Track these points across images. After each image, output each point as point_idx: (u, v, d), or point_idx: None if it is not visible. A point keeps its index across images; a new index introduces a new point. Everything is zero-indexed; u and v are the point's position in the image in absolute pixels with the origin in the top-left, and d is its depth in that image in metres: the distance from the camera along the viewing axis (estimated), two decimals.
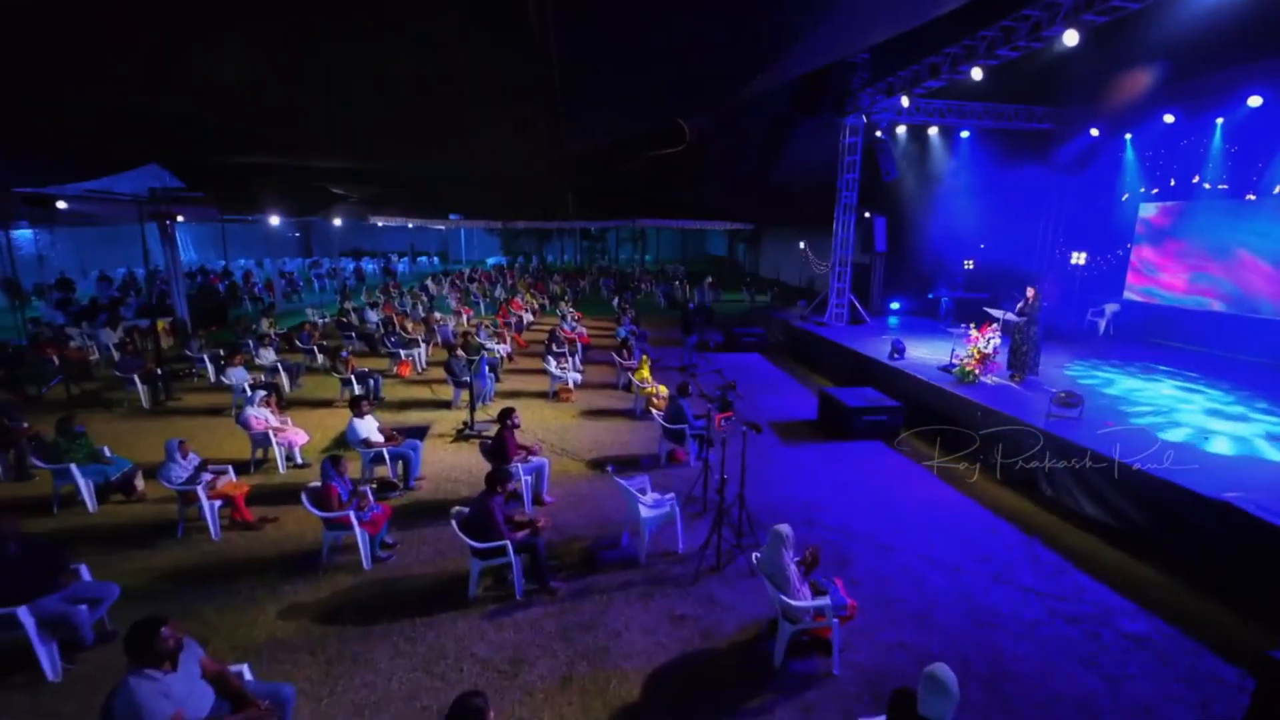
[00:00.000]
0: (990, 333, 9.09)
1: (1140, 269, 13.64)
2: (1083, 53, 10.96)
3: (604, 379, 11.96)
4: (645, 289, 28.10)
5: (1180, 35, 10.21)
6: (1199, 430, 7.14)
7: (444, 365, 10.04)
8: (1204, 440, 6.77)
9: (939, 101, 13.78)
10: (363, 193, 20.69)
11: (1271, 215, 10.95)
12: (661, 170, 17.98)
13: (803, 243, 27.94)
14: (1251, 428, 7.30)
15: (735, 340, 14.97)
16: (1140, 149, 13.22)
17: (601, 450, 8.18)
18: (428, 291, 23.80)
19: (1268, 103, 10.62)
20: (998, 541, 5.88)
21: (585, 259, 42.38)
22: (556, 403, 10.33)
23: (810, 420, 9.63)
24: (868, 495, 6.86)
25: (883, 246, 14.93)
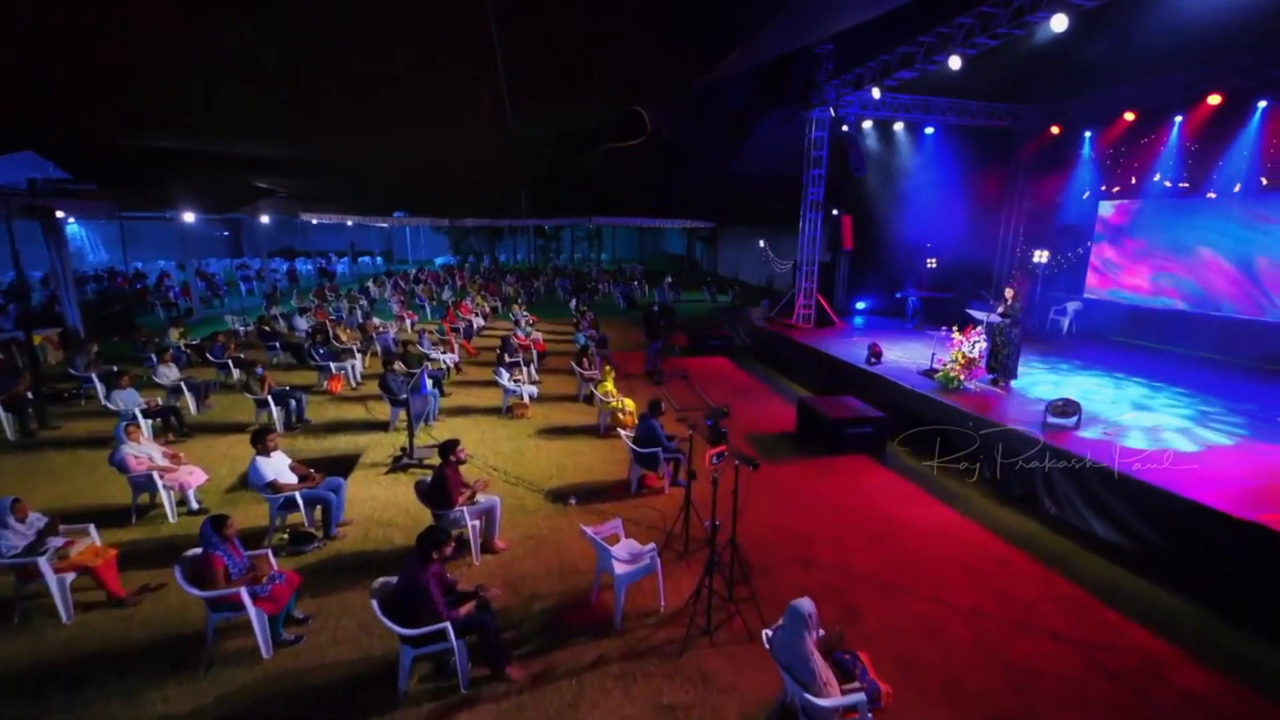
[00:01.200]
0: (975, 335, 8.61)
1: (1101, 268, 13.66)
2: (1044, 49, 10.78)
3: (563, 391, 10.94)
4: (603, 290, 27.10)
5: (1141, 34, 10.08)
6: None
7: (379, 381, 8.80)
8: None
9: (905, 96, 13.43)
10: (292, 186, 18.88)
11: (1232, 214, 10.99)
12: (619, 166, 17.06)
13: (762, 241, 27.64)
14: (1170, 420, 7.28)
15: (701, 343, 14.22)
16: (1100, 147, 13.21)
17: (563, 477, 7.19)
18: (368, 295, 22.07)
19: (1227, 101, 10.64)
20: (1012, 575, 5.26)
21: (540, 258, 41.00)
22: (510, 420, 9.26)
23: (789, 433, 8.92)
24: (863, 522, 6.15)
25: (850, 245, 14.48)
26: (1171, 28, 9.98)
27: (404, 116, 9.82)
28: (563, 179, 17.75)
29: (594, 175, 16.92)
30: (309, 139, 11.32)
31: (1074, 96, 13.20)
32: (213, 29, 5.80)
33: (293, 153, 12.60)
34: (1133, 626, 4.57)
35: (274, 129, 10.23)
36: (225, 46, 6.27)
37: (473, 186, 19.98)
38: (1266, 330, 10.43)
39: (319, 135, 11.03)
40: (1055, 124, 13.81)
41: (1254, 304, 10.72)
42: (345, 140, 11.72)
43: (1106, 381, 9.39)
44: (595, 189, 19.41)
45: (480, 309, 18.33)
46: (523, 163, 15.84)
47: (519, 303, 17.78)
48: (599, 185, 18.72)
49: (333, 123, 10.05)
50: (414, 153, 12.95)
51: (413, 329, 15.93)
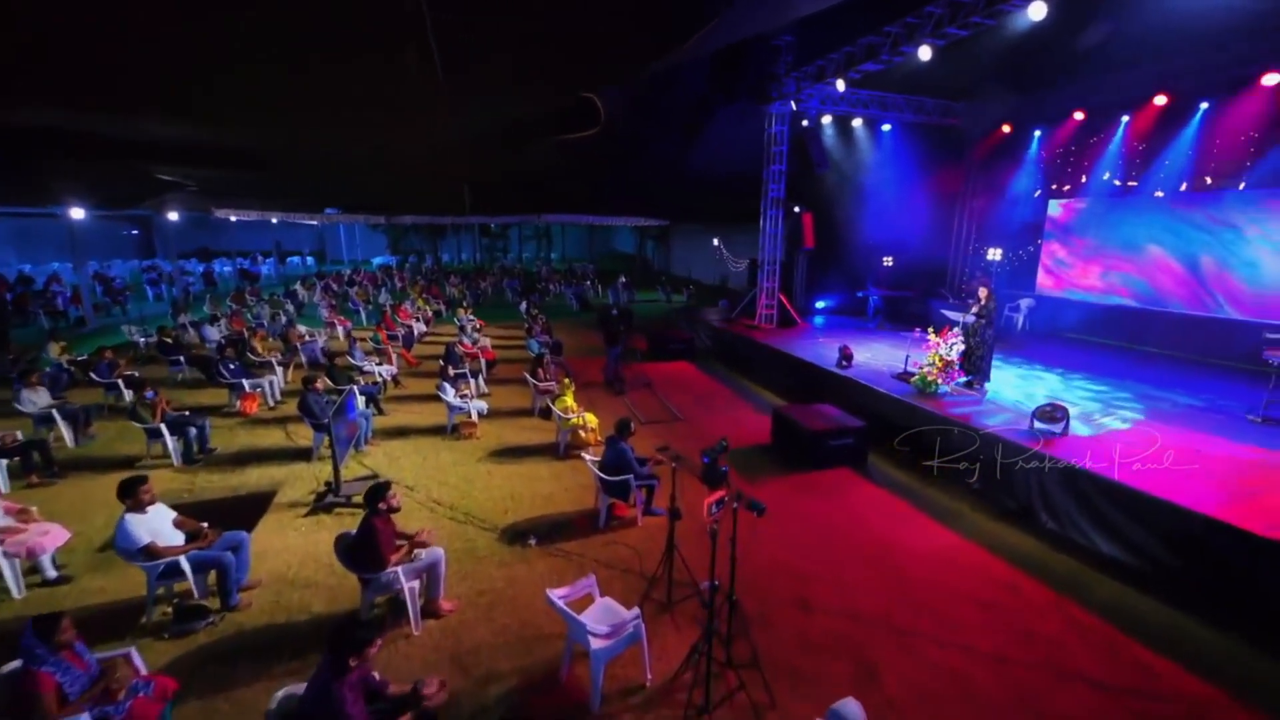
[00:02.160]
0: (951, 337, 8.24)
1: (1052, 266, 13.83)
2: (995, 48, 10.67)
3: (515, 404, 9.95)
4: (554, 290, 26.02)
5: (1089, 35, 10.06)
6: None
7: (299, 401, 7.58)
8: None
9: (864, 92, 13.15)
10: (202, 177, 16.89)
11: (1178, 213, 11.20)
12: (570, 160, 16.11)
13: (717, 240, 27.27)
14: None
15: (661, 347, 13.50)
16: (1050, 146, 13.34)
17: (519, 509, 6.27)
18: (295, 299, 20.18)
19: (1172, 102, 10.79)
20: (1026, 605, 4.77)
21: (486, 258, 39.34)
22: (457, 441, 8.22)
23: (763, 445, 8.30)
24: (859, 550, 5.55)
25: (811, 243, 14.11)
26: (1118, 29, 10.03)
27: (327, 99, 8.59)
28: (509, 173, 16.62)
29: (543, 170, 15.91)
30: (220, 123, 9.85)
31: (1024, 96, 13.26)
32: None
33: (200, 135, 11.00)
34: (1165, 663, 4.13)
35: (177, 107, 8.75)
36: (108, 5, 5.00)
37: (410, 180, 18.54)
38: (1213, 325, 10.65)
39: (230, 120, 9.60)
40: (1006, 123, 13.87)
41: (1200, 303, 10.95)
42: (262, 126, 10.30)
43: (1048, 375, 9.44)
44: (544, 185, 18.36)
45: (421, 313, 16.97)
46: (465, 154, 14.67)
47: (464, 306, 16.56)
48: (548, 181, 17.70)
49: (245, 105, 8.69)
50: (342, 142, 11.60)
51: (345, 337, 14.47)
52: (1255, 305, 10.15)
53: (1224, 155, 10.40)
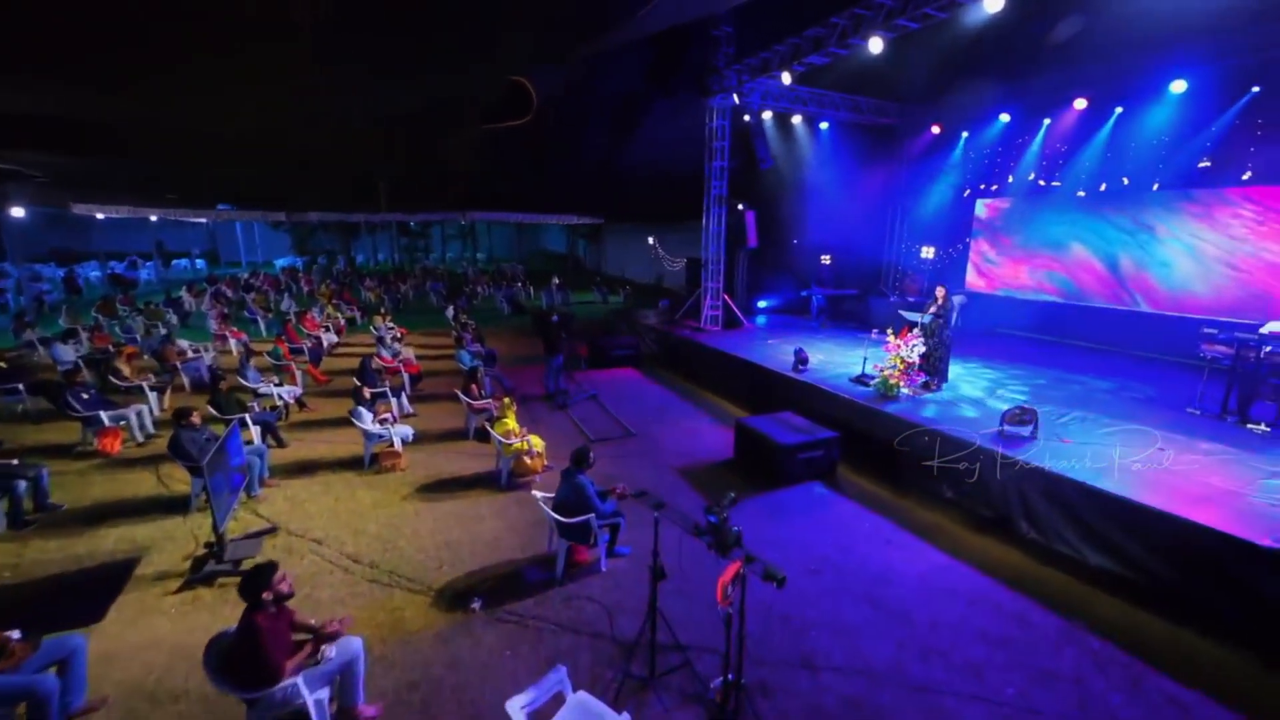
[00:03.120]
0: (912, 339, 7.96)
1: (981, 263, 14.20)
2: (922, 51, 10.69)
3: (446, 424, 8.80)
4: (482, 293, 24.50)
5: (1013, 38, 10.22)
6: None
7: (169, 440, 6.13)
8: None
9: (803, 89, 12.90)
10: (52, 165, 14.26)
11: (1099, 213, 11.67)
12: (497, 152, 14.92)
13: (652, 238, 26.73)
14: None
15: (604, 354, 12.66)
16: (978, 147, 13.65)
17: (457, 561, 5.26)
18: (179, 308, 17.62)
19: (1091, 105, 11.20)
20: (1040, 638, 4.37)
21: (405, 258, 36.80)
22: (377, 475, 7.02)
23: (726, 460, 7.68)
24: (853, 584, 5.00)
25: (755, 242, 13.74)
26: (1039, 33, 10.25)
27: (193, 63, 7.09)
28: (431, 168, 15.18)
29: (469, 164, 14.62)
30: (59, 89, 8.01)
31: (951, 98, 13.50)
32: None
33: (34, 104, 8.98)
34: (1192, 694, 3.82)
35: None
36: None
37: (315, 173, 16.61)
38: (1131, 319, 11.17)
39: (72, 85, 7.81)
40: (936, 124, 14.10)
41: (1119, 300, 11.47)
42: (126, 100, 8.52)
43: (989, 371, 9.60)
44: (470, 180, 17.00)
45: (332, 322, 15.19)
46: (378, 144, 13.16)
47: (382, 312, 14.94)
48: (475, 176, 16.39)
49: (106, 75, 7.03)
50: (221, 120, 9.89)
51: (239, 352, 12.61)
52: (1170, 304, 10.69)
53: (1138, 157, 10.88)
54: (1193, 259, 10.39)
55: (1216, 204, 10.04)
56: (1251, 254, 9.65)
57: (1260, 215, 9.52)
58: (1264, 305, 9.42)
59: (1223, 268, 10.02)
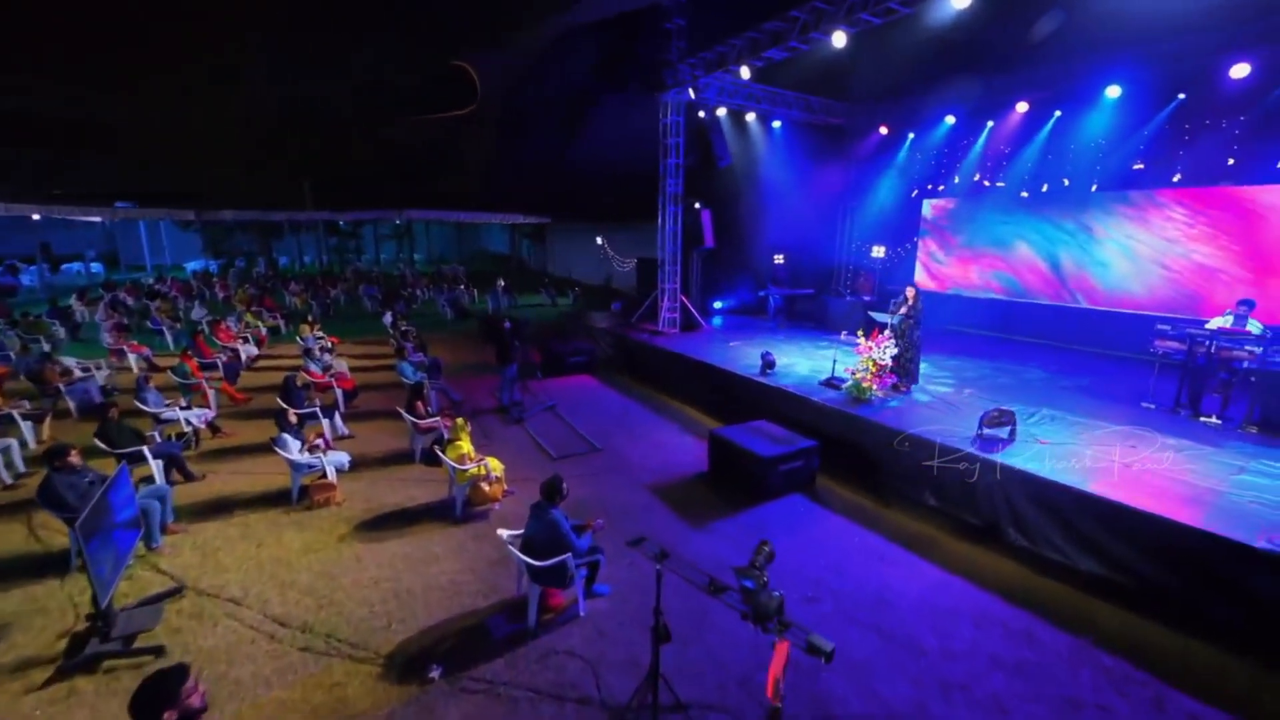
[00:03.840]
0: (884, 341, 7.77)
1: (929, 262, 14.46)
2: (868, 52, 10.69)
3: (387, 446, 7.90)
4: (421, 296, 23.12)
5: (957, 42, 10.33)
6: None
7: (40, 486, 5.02)
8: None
9: (757, 86, 12.67)
10: None
11: (1041, 213, 12.03)
12: (437, 149, 13.90)
13: (600, 238, 26.09)
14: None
15: (559, 361, 11.96)
16: (924, 148, 13.86)
17: (408, 617, 4.51)
18: (68, 319, 15.48)
19: (1033, 108, 11.50)
20: (1054, 659, 4.13)
21: (335, 260, 34.46)
22: (308, 512, 6.09)
23: (700, 474, 7.22)
24: (854, 610, 4.62)
25: (711, 241, 13.41)
26: (982, 38, 10.40)
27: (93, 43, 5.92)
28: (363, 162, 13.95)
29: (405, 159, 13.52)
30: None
31: (898, 100, 13.65)
32: None
33: None
34: (1215, 713, 3.64)
35: None
36: None
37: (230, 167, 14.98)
38: (1077, 315, 11.58)
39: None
40: (883, 124, 14.24)
41: (1060, 298, 11.87)
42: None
43: (950, 364, 9.81)
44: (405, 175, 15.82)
45: (251, 332, 13.71)
46: (300, 136, 11.90)
47: (310, 320, 13.59)
48: (410, 170, 15.24)
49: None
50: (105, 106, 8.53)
51: (140, 370, 11.09)
52: (1108, 302, 11.13)
53: (1077, 159, 11.26)
54: (1128, 259, 10.83)
55: (1149, 206, 10.49)
56: (1183, 255, 10.12)
57: (1190, 218, 9.99)
58: (1194, 304, 9.90)
59: (1156, 268, 10.48)
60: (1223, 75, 8.97)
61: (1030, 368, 9.70)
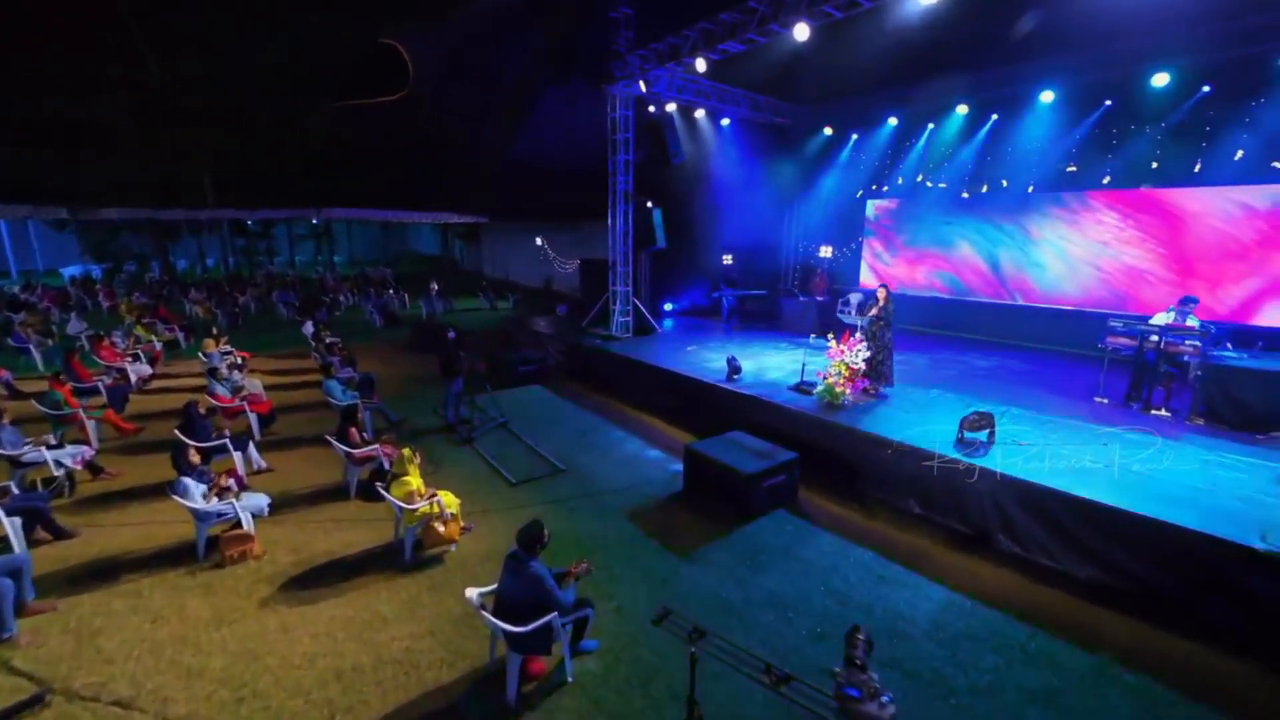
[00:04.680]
0: (856, 343, 7.54)
1: (874, 262, 14.66)
2: (812, 53, 10.59)
3: (315, 480, 6.85)
4: (345, 302, 21.32)
5: (898, 44, 10.41)
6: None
7: None
8: None
9: (705, 82, 12.32)
10: None
11: (981, 213, 12.37)
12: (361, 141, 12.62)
13: (540, 238, 25.09)
14: None
15: (507, 370, 11.09)
16: (868, 149, 14.01)
17: (358, 701, 3.68)
18: None
19: (972, 111, 11.79)
20: (1080, 684, 3.90)
21: (244, 263, 31.41)
22: (217, 572, 5.04)
23: (676, 493, 6.69)
24: None
25: (663, 241, 12.92)
26: (922, 40, 10.51)
27: None
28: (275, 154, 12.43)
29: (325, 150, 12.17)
30: None
31: (841, 101, 13.72)
32: None
33: None
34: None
35: None
36: None
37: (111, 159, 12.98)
38: (1012, 311, 12.00)
39: None
40: (828, 125, 14.30)
41: (999, 297, 12.27)
42: None
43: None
44: (325, 169, 14.33)
45: (143, 347, 11.89)
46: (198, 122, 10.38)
47: (215, 333, 11.96)
48: (330, 164, 13.80)
49: None
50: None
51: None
52: (1044, 301, 11.56)
53: (1014, 162, 11.64)
54: (1062, 260, 11.29)
55: (1081, 208, 10.95)
56: (1114, 256, 10.63)
57: (1121, 221, 10.49)
58: (1123, 304, 10.42)
59: (1089, 268, 10.97)
60: (1146, 83, 9.44)
61: (977, 364, 9.95)
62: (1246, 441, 6.35)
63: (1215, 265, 9.55)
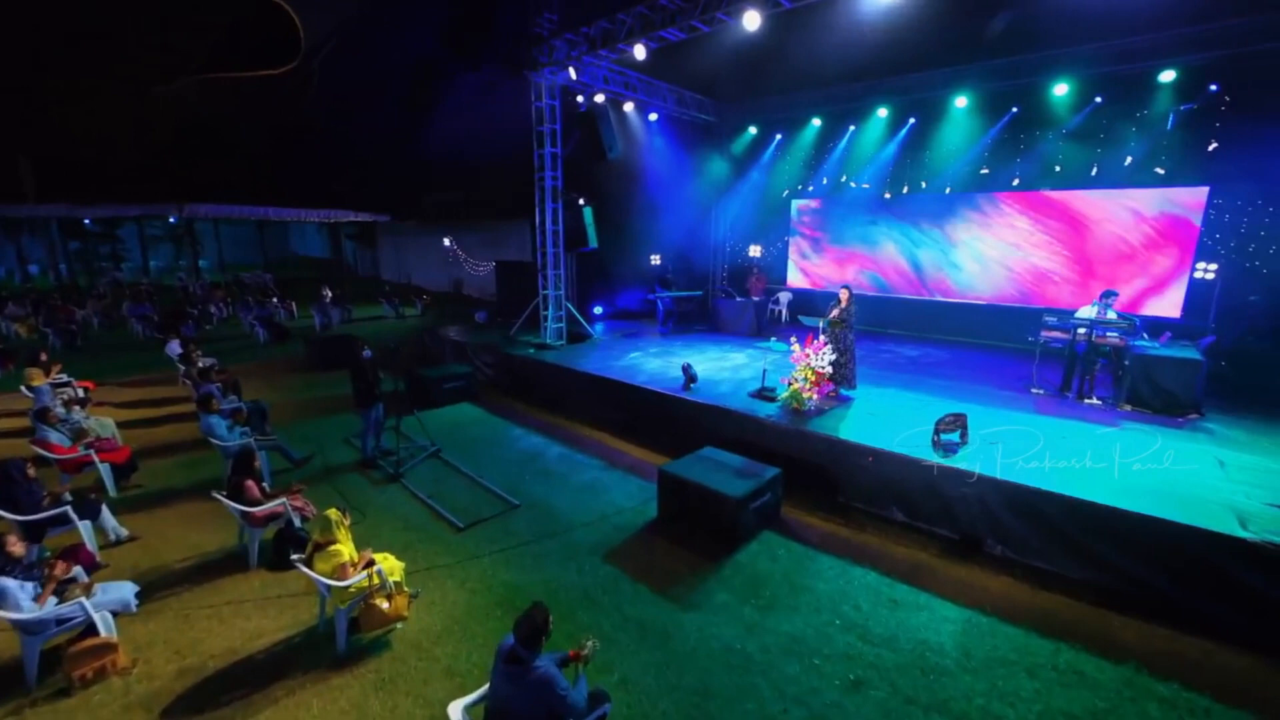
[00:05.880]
0: (820, 347, 7.24)
1: (801, 261, 14.80)
2: (733, 51, 10.42)
3: (198, 547, 5.40)
4: (218, 315, 18.42)
5: (823, 48, 10.49)
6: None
7: None
8: None
9: (634, 74, 11.70)
10: None
11: (902, 214, 12.78)
12: (237, 124, 10.64)
13: (448, 239, 23.28)
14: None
15: (431, 388, 9.80)
16: (793, 149, 14.08)
17: None
18: None
19: (892, 114, 12.12)
20: (1119, 698, 3.74)
21: (81, 271, 26.43)
22: (61, 703, 3.65)
23: (650, 522, 6.00)
24: (905, 685, 3.81)
25: (595, 242, 12.12)
26: (844, 43, 10.63)
27: None
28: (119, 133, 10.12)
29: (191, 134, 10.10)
30: None
31: (766, 101, 13.68)
32: None
33: None
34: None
35: None
36: None
37: None
38: (927, 306, 12.53)
39: None
40: (753, 124, 14.22)
41: (920, 295, 12.75)
42: None
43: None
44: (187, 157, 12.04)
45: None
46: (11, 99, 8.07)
47: (43, 359, 9.51)
48: (193, 150, 11.58)
49: None
50: None
51: None
52: (961, 299, 12.13)
53: (932, 164, 12.11)
54: (976, 260, 11.89)
55: (994, 210, 11.57)
56: (1023, 257, 11.32)
57: (1031, 225, 11.16)
58: (1029, 300, 11.16)
59: (1000, 268, 11.62)
60: (1048, 91, 10.06)
61: (904, 358, 10.24)
62: (1170, 425, 6.77)
63: (1111, 266, 10.40)
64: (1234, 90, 8.83)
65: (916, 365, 9.79)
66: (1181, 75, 8.97)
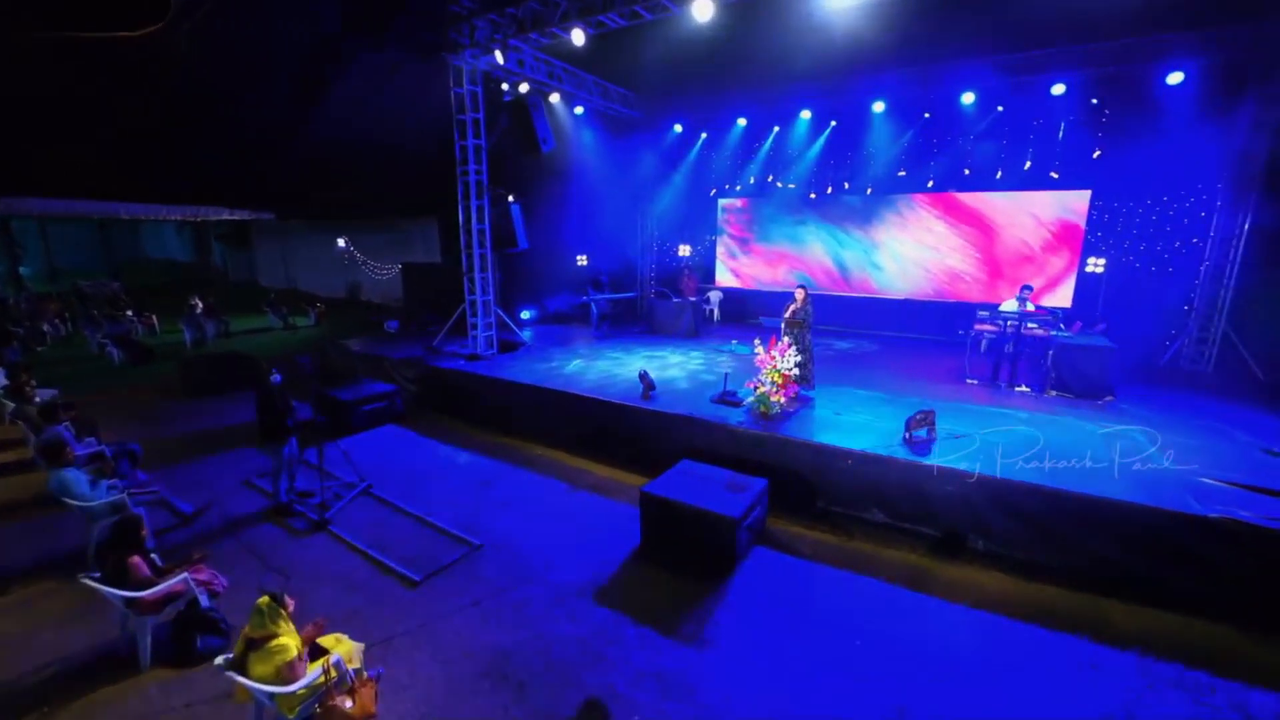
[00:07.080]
0: (786, 348, 7.06)
1: (729, 260, 14.82)
2: (653, 46, 10.19)
3: (63, 648, 4.10)
4: (53, 333, 15.24)
5: (749, 46, 10.49)
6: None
7: None
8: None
9: (558, 63, 10.97)
10: None
11: (827, 214, 13.12)
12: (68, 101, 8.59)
13: (343, 239, 21.02)
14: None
15: (349, 411, 8.53)
16: (719, 147, 14.02)
17: None
18: None
19: (815, 116, 12.36)
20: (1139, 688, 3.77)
21: None
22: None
23: (634, 550, 5.46)
24: (922, 693, 3.58)
25: (525, 241, 11.24)
26: (770, 44, 10.69)
27: None
28: None
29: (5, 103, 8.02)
30: None
31: (690, 99, 13.47)
32: None
33: None
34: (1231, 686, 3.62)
35: None
36: None
37: None
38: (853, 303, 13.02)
39: None
40: (678, 122, 13.97)
41: (844, 293, 13.20)
42: None
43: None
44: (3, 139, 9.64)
45: None
46: None
47: None
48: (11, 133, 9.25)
49: None
50: None
51: None
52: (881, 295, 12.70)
53: (854, 165, 12.50)
54: (895, 260, 12.47)
55: (910, 212, 12.16)
56: (938, 258, 12.00)
57: (947, 228, 11.82)
58: (943, 297, 11.86)
59: (916, 268, 12.26)
60: (957, 99, 10.67)
61: (837, 351, 10.60)
62: (1094, 408, 7.31)
63: (1015, 266, 11.27)
64: (1110, 104, 9.86)
65: (852, 359, 10.14)
66: (1069, 89, 9.85)
